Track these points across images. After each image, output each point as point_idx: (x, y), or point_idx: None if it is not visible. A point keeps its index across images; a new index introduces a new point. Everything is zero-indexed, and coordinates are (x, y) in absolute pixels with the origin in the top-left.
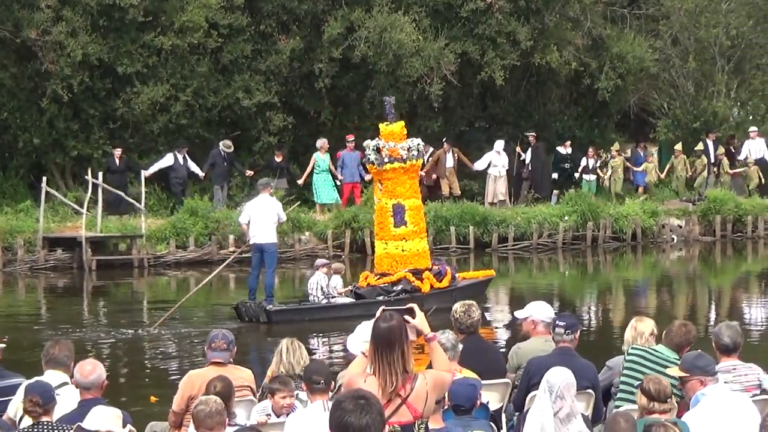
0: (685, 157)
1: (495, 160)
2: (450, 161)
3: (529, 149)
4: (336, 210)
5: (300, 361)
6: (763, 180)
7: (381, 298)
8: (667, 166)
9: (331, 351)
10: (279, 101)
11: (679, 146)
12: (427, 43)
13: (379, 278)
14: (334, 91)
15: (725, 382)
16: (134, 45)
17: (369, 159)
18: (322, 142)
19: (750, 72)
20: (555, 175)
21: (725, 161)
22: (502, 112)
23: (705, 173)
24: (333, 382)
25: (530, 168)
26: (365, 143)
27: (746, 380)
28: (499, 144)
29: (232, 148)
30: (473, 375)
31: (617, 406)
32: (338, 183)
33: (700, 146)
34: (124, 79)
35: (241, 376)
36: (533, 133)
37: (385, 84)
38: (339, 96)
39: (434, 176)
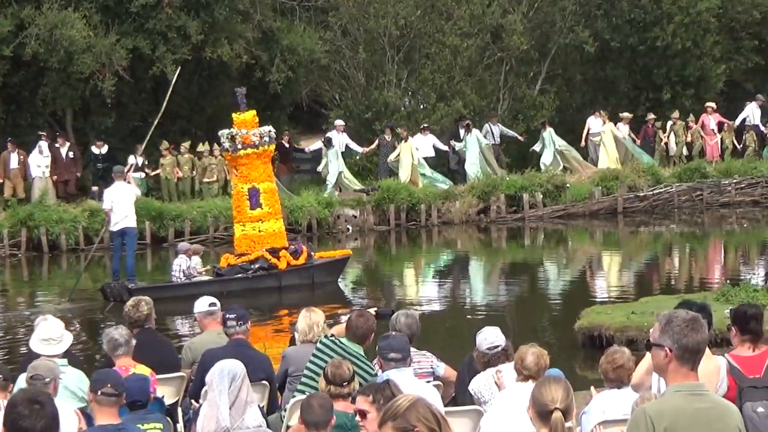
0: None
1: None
2: (15, 162)
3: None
4: (12, 208)
5: None
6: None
7: (240, 275)
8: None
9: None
10: None
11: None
12: (99, 39)
13: (238, 258)
14: (5, 89)
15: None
16: None
17: (224, 147)
18: None
19: (420, 61)
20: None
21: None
22: (175, 106)
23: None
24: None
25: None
26: (220, 132)
27: (419, 367)
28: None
29: None
30: (147, 370)
31: (300, 391)
32: None
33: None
34: None
35: None
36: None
37: (57, 81)
38: (11, 94)
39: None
